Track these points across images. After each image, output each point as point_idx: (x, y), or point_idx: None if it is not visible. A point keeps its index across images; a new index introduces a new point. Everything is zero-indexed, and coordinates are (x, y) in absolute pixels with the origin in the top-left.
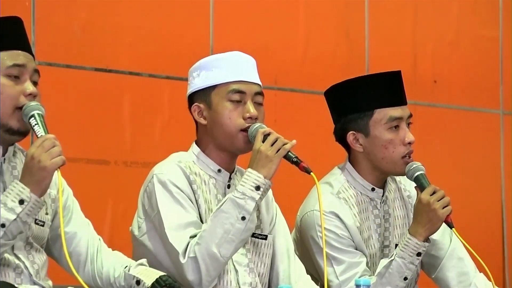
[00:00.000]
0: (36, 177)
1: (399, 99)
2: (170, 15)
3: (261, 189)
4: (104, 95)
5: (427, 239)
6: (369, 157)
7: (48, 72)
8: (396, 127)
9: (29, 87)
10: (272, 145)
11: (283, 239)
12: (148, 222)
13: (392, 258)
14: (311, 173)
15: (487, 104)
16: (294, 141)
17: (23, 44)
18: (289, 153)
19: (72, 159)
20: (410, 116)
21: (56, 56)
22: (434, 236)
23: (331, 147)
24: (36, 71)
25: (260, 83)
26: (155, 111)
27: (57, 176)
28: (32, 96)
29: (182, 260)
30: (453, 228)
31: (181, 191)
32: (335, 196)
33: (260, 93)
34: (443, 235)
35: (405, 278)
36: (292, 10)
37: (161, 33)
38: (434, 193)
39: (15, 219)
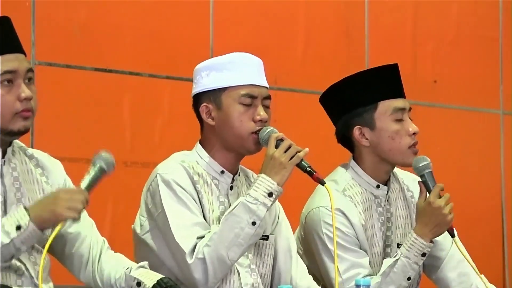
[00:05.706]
0: (44, 215)
1: (400, 91)
2: (170, 15)
3: (274, 195)
4: (104, 95)
5: (431, 240)
6: (375, 150)
7: (48, 72)
8: (400, 120)
9: (23, 91)
10: (285, 151)
11: (285, 239)
12: (150, 220)
13: (397, 257)
14: (325, 184)
15: (487, 104)
16: (307, 149)
17: (12, 46)
18: (303, 161)
19: (72, 159)
20: (410, 109)
21: (56, 56)
22: None
23: (331, 147)
24: (30, 70)
25: (268, 86)
26: (155, 111)
27: (59, 174)
28: (28, 99)
29: (189, 260)
30: (454, 238)
31: (185, 191)
32: (341, 193)
33: (268, 97)
34: (444, 236)
35: (409, 278)
36: (292, 10)
37: (161, 33)
38: (441, 196)
39: (8, 243)
